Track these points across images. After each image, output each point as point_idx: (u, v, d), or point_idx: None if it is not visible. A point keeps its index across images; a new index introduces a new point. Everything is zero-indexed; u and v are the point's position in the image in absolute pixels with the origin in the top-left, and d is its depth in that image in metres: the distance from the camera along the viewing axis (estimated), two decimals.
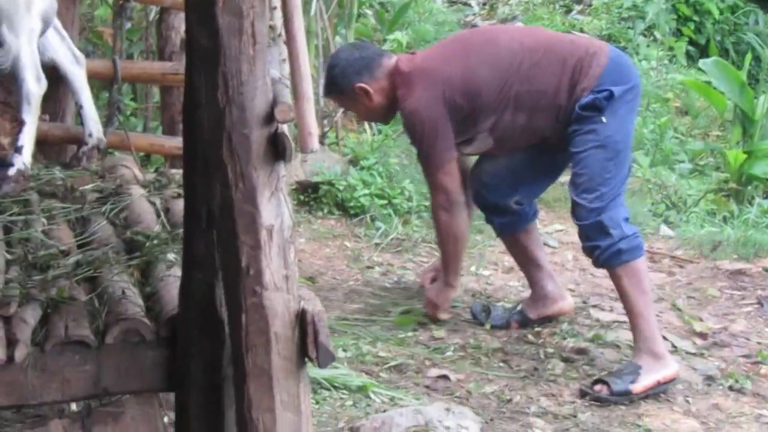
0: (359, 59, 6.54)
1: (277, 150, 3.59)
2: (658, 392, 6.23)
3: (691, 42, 13.52)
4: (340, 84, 6.56)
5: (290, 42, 4.00)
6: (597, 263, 6.52)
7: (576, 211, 6.46)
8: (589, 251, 6.49)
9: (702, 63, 11.96)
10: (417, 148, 6.74)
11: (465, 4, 14.96)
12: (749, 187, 10.12)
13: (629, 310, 6.36)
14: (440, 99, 6.48)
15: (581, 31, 13.67)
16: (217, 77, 3.56)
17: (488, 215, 7.16)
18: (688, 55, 13.20)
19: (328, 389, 5.99)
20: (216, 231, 3.70)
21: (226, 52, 3.54)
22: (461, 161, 6.85)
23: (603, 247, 6.29)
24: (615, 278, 6.42)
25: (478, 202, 7.05)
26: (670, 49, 13.39)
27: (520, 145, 6.74)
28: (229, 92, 3.55)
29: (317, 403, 5.84)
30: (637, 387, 6.11)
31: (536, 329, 7.02)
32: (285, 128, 3.63)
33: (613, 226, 6.28)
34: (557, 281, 7.19)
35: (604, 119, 6.33)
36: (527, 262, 7.15)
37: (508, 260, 8.15)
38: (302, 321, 3.65)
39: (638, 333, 6.33)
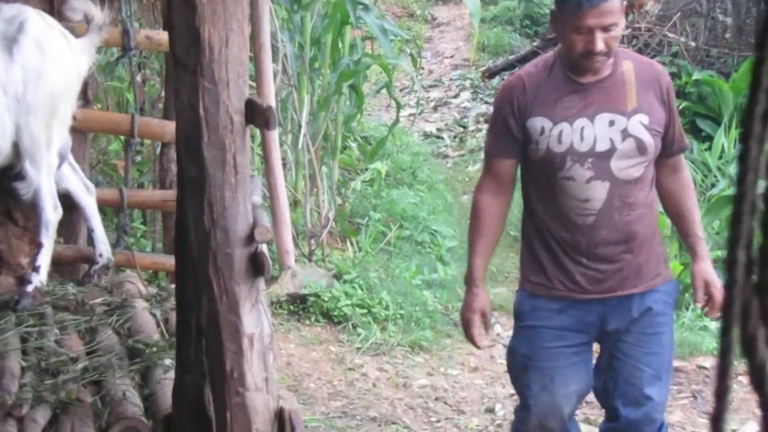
0: None
1: (257, 267, 3.65)
2: None
3: None
4: None
5: (269, 174, 4.07)
6: None
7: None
8: None
9: None
10: (675, 119, 4.46)
11: (438, 137, 15.05)
12: (686, 295, 10.14)
13: None
14: None
15: None
16: (203, 203, 3.61)
17: None
18: None
19: None
20: (204, 339, 3.73)
21: (211, 181, 3.61)
22: None
23: None
24: None
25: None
26: None
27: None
28: (214, 216, 3.61)
29: None
30: None
31: (497, 421, 7.01)
32: (264, 248, 3.68)
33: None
34: None
35: None
36: None
37: (474, 360, 8.17)
38: (281, 418, 3.68)
39: None
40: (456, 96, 16.62)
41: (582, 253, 4.29)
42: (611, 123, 4.20)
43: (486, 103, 16.07)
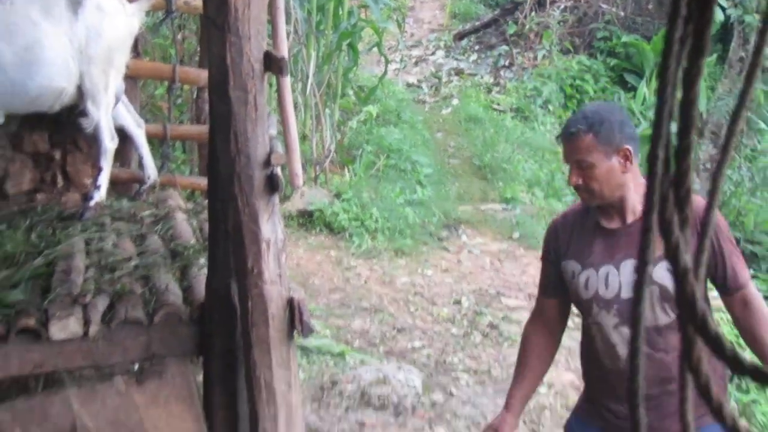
0: (635, 131, 3.49)
1: (272, 185, 3.62)
2: None
3: (573, 112, 13.58)
4: (612, 133, 3.37)
5: (283, 112, 4.02)
6: None
7: None
8: None
9: None
10: (733, 256, 3.39)
11: (418, 87, 14.98)
12: None
13: None
14: None
15: (498, 105, 13.71)
16: (230, 134, 3.58)
17: None
18: None
19: (318, 354, 5.99)
20: (231, 243, 3.72)
21: (236, 117, 3.57)
22: None
23: None
24: None
25: None
26: (559, 117, 13.44)
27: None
28: (239, 145, 3.58)
29: (309, 364, 5.84)
30: None
31: (462, 311, 7.03)
32: (278, 170, 3.66)
33: None
34: None
35: None
36: None
37: (445, 264, 8.18)
38: (291, 306, 3.67)
39: None
40: (432, 54, 16.51)
41: (614, 397, 3.47)
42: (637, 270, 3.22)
43: (456, 59, 15.98)
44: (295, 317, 3.65)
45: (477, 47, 16.34)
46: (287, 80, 4.14)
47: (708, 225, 1.20)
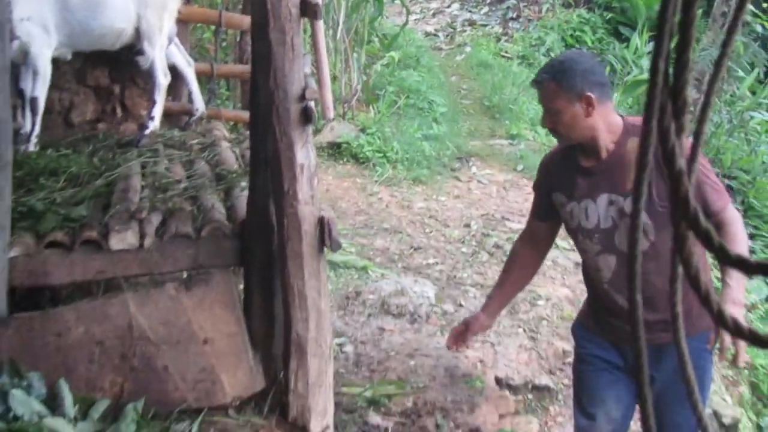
0: (602, 75, 3.41)
1: (306, 117, 3.58)
2: None
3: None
4: (574, 80, 3.27)
5: (316, 53, 3.94)
6: None
7: None
8: None
9: None
10: (710, 184, 3.26)
11: (435, 35, 14.78)
12: None
13: None
14: None
15: (506, 52, 13.53)
16: (270, 72, 3.53)
17: None
18: None
19: (344, 268, 5.98)
20: (269, 167, 3.68)
21: (275, 56, 3.51)
22: None
23: None
24: None
25: None
26: None
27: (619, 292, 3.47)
28: (277, 81, 3.53)
29: (336, 277, 5.83)
30: None
31: (471, 233, 6.99)
32: (312, 104, 3.60)
33: None
34: None
35: None
36: None
37: (457, 191, 8.12)
38: (321, 223, 3.64)
39: None
40: (448, 6, 16.26)
41: (605, 310, 3.47)
42: (610, 203, 3.33)
43: (469, 12, 15.74)
44: (324, 234, 3.63)
45: (488, 1, 16.07)
46: (321, 24, 4.06)
47: (694, 160, 1.18)
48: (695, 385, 1.57)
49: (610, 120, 3.33)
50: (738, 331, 1.09)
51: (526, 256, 3.77)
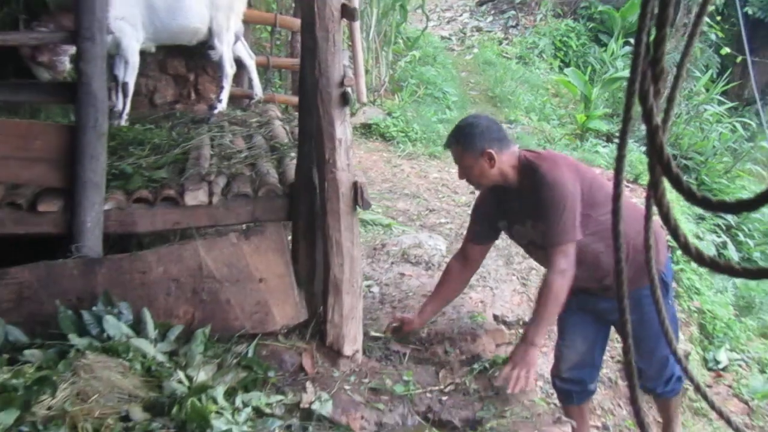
0: (498, 131, 3.50)
1: (345, 100, 3.53)
2: None
3: (561, 60, 13.21)
4: (474, 142, 3.41)
5: (353, 49, 3.88)
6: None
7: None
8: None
9: (566, 70, 11.68)
10: (554, 216, 3.39)
11: (449, 39, 14.60)
12: (587, 133, 9.91)
13: None
14: (577, 183, 3.42)
15: (506, 53, 13.35)
16: (315, 62, 3.47)
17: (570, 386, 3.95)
18: (559, 66, 12.87)
19: (372, 225, 5.95)
20: (313, 141, 3.64)
21: (320, 50, 3.46)
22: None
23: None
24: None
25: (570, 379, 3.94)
26: (550, 63, 13.09)
27: (581, 277, 3.51)
28: (321, 70, 3.47)
29: (366, 231, 5.79)
30: None
31: None
32: (349, 89, 3.55)
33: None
34: None
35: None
36: None
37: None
38: (355, 187, 3.60)
39: None
40: (460, 15, 16.03)
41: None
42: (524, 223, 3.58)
43: (477, 20, 15.52)
44: (358, 196, 3.59)
45: (492, 11, 15.84)
46: (357, 25, 4.02)
47: (668, 120, 1.16)
48: (668, 323, 1.54)
49: (512, 162, 3.49)
50: (700, 259, 1.09)
51: (457, 274, 3.86)
